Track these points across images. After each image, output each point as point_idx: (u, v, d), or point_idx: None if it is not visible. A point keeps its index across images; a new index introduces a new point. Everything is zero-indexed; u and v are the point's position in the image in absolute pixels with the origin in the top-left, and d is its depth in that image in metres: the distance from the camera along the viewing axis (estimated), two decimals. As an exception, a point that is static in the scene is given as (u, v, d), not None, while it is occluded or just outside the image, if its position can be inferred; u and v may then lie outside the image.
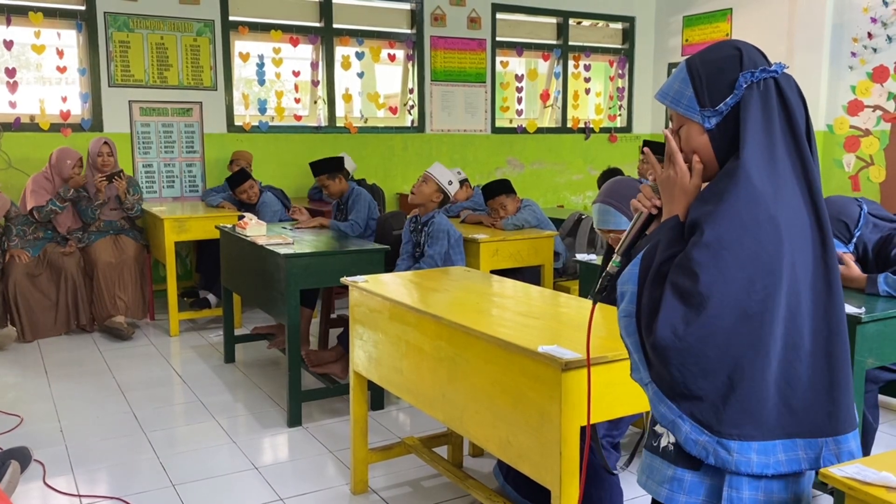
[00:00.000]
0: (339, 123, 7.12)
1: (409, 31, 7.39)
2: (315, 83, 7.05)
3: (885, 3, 6.44)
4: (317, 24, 6.94)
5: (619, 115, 8.71)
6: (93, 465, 3.29)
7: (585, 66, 8.35)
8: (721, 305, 1.28)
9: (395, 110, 7.46)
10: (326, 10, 6.92)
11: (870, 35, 6.57)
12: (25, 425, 3.70)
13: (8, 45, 5.85)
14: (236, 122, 6.68)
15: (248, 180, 5.65)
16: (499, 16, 7.76)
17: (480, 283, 2.98)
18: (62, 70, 6.04)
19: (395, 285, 2.92)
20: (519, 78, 7.95)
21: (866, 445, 2.92)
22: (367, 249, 3.94)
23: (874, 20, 6.53)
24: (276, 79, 6.86)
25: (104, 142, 5.49)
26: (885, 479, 1.23)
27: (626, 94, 8.70)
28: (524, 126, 8.01)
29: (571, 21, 8.20)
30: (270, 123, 6.80)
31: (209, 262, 5.94)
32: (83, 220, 5.48)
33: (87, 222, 5.47)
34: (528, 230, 4.85)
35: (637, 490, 2.69)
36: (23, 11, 5.87)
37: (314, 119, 7.09)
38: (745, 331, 1.29)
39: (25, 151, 5.88)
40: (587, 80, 8.38)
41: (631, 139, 8.69)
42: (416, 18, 7.35)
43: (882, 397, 3.27)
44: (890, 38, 6.44)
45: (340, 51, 7.08)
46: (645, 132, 8.70)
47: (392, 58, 7.49)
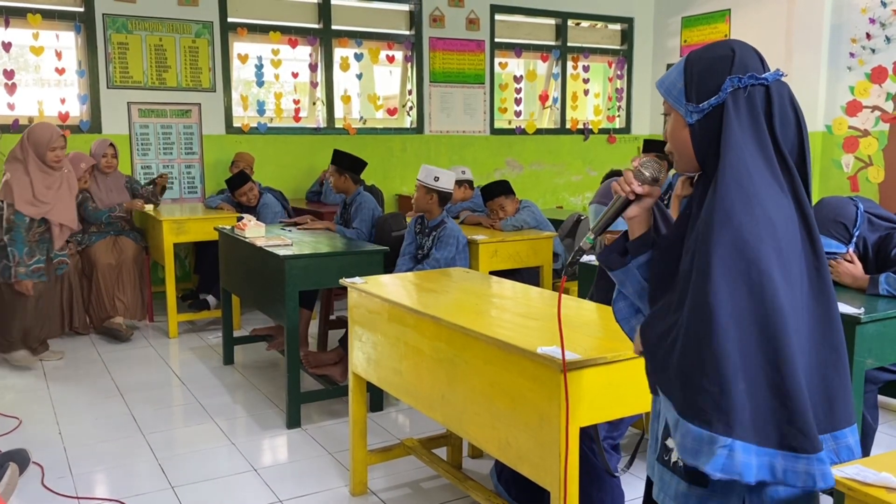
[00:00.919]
0: (338, 125, 7.12)
1: (407, 33, 7.39)
2: (314, 84, 7.05)
3: (884, 4, 6.44)
4: (315, 26, 6.94)
5: (618, 116, 8.71)
6: (91, 466, 3.28)
7: (584, 67, 8.35)
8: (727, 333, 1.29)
9: (393, 112, 7.45)
10: (325, 12, 6.92)
11: (868, 36, 6.57)
12: (24, 427, 3.69)
13: (6, 46, 5.84)
14: (235, 124, 6.68)
15: (247, 182, 5.64)
16: (497, 17, 7.76)
17: (479, 284, 2.98)
18: (61, 72, 6.03)
19: (393, 287, 2.92)
20: (518, 79, 7.95)
21: (866, 446, 2.92)
22: (366, 251, 3.93)
23: (872, 21, 6.53)
24: (274, 80, 6.85)
25: (109, 143, 5.48)
26: (885, 479, 1.23)
27: (624, 95, 8.70)
28: (523, 127, 8.01)
29: (570, 22, 8.21)
30: (269, 125, 6.80)
31: (208, 263, 5.94)
32: (90, 222, 5.42)
33: (93, 222, 5.42)
34: (527, 231, 4.85)
35: (638, 492, 2.69)
36: (21, 13, 5.87)
37: (313, 120, 7.09)
38: (750, 338, 1.29)
39: (24, 153, 5.87)
40: (586, 81, 8.39)
41: (630, 140, 8.69)
42: (415, 20, 7.35)
43: (882, 398, 3.26)
44: (888, 39, 6.45)
45: (339, 52, 7.08)
46: (644, 133, 8.69)
47: (391, 59, 7.49)
